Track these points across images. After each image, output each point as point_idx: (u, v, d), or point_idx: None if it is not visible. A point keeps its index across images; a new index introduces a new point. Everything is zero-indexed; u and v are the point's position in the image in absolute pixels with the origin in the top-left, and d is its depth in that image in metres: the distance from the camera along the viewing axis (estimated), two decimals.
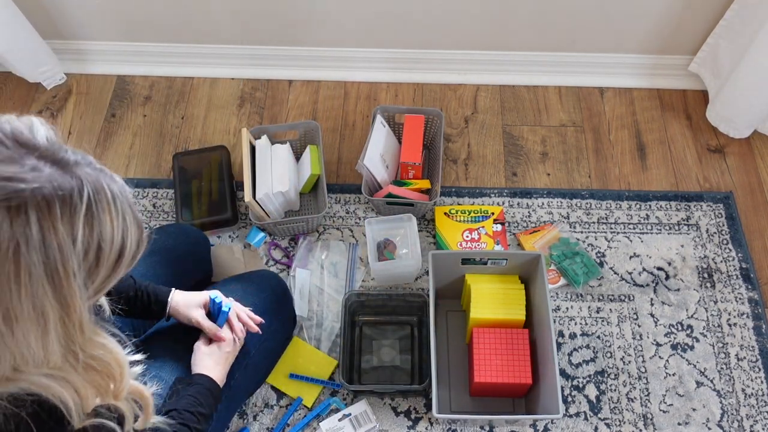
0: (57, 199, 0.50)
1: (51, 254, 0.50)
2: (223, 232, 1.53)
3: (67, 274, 0.51)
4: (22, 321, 0.51)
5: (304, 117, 1.74)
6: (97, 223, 0.53)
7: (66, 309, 0.53)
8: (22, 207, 0.48)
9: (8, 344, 0.51)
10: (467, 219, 1.53)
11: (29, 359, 0.53)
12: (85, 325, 0.56)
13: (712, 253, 1.49)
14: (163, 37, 1.77)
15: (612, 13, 1.60)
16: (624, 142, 1.69)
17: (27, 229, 0.48)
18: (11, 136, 0.52)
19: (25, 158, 0.51)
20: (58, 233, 0.50)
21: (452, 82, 1.80)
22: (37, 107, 1.77)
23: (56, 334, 0.53)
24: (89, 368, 0.59)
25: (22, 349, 0.52)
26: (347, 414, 1.28)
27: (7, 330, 0.50)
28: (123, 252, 0.56)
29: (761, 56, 1.43)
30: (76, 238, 0.51)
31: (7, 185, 0.48)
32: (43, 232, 0.49)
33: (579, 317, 1.42)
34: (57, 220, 0.50)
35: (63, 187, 0.51)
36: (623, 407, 1.32)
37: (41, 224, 0.49)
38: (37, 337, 0.52)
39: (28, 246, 0.49)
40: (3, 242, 0.48)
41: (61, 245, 0.50)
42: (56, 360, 0.55)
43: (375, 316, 1.41)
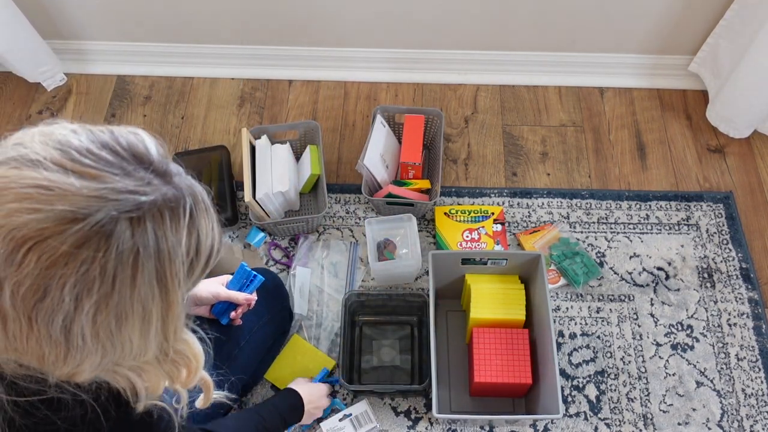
0: (167, 209, 0.55)
1: (162, 259, 0.54)
2: (223, 232, 1.53)
3: (172, 276, 0.56)
4: (131, 320, 0.55)
5: (304, 117, 1.74)
6: (196, 229, 0.58)
7: (167, 307, 0.57)
8: (142, 218, 0.52)
9: (115, 342, 0.55)
10: (467, 219, 1.52)
11: (128, 355, 0.57)
12: (180, 323, 0.61)
13: (712, 253, 1.49)
14: (163, 37, 1.77)
15: (612, 13, 1.60)
16: (624, 142, 1.69)
17: (145, 238, 0.53)
18: (128, 150, 0.56)
19: (140, 171, 0.55)
20: (168, 240, 0.54)
21: (452, 82, 1.80)
22: (37, 107, 1.77)
23: (156, 331, 0.58)
24: (172, 362, 0.64)
25: (125, 346, 0.56)
26: (348, 414, 1.28)
27: (117, 329, 0.54)
28: (212, 252, 0.62)
29: (761, 56, 1.43)
30: (181, 243, 0.56)
31: (129, 198, 0.52)
32: (158, 240, 0.54)
33: (579, 317, 1.42)
34: (168, 228, 0.54)
35: (172, 199, 0.55)
36: (623, 407, 1.32)
37: (156, 233, 0.53)
38: (140, 335, 0.56)
39: (146, 253, 0.53)
40: (126, 251, 0.51)
41: (170, 251, 0.55)
42: (149, 356, 0.60)
43: (375, 316, 1.40)
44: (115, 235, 0.51)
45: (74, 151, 0.52)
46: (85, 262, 0.50)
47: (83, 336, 0.53)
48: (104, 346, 0.55)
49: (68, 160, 0.52)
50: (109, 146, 0.55)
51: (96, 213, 0.50)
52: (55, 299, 0.50)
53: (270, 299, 1.24)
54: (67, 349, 0.53)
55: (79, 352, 0.54)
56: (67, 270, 0.50)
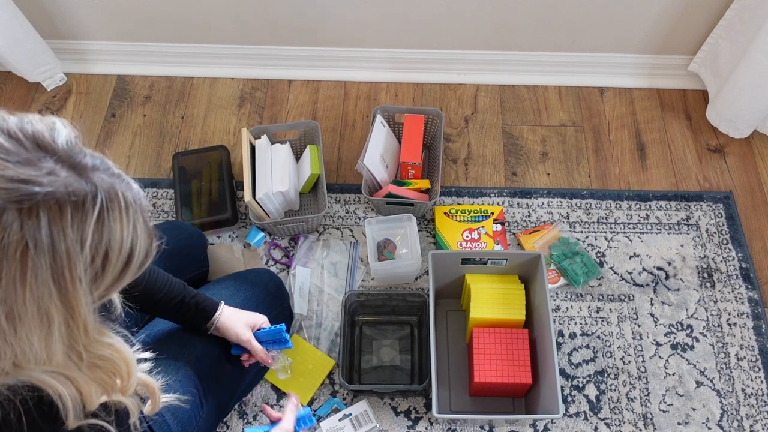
0: (69, 204, 0.50)
1: (58, 258, 0.50)
2: (223, 232, 1.53)
3: (73, 278, 0.52)
4: (26, 321, 0.51)
5: (304, 117, 1.74)
6: (107, 230, 0.53)
7: (71, 312, 0.53)
8: (34, 210, 0.48)
9: (10, 342, 0.51)
10: (467, 219, 1.53)
11: (31, 357, 0.53)
12: (90, 328, 0.56)
13: (712, 253, 1.49)
14: (163, 37, 1.77)
15: (612, 13, 1.60)
16: (624, 141, 1.69)
17: (37, 232, 0.49)
18: (32, 137, 0.52)
19: (43, 161, 0.51)
20: (67, 238, 0.50)
21: (452, 82, 1.80)
22: (36, 107, 1.77)
23: (60, 336, 0.54)
24: (94, 367, 0.59)
25: (24, 348, 0.52)
26: (348, 414, 1.28)
27: (10, 329, 0.51)
28: (131, 260, 0.57)
29: (761, 56, 1.43)
30: (84, 244, 0.51)
31: (21, 187, 0.48)
32: (53, 236, 0.49)
33: (579, 317, 1.42)
34: (67, 224, 0.50)
35: (77, 192, 0.51)
36: (623, 407, 1.32)
37: (51, 228, 0.49)
38: (41, 338, 0.52)
39: (37, 248, 0.49)
40: (12, 243, 0.48)
41: (69, 250, 0.50)
42: (59, 359, 0.55)
43: (375, 315, 1.41)
44: (1, 226, 0.47)
45: None
46: None
47: None
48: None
49: None
50: (10, 132, 0.51)
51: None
52: None
53: (271, 299, 1.24)
54: None
55: None
56: None
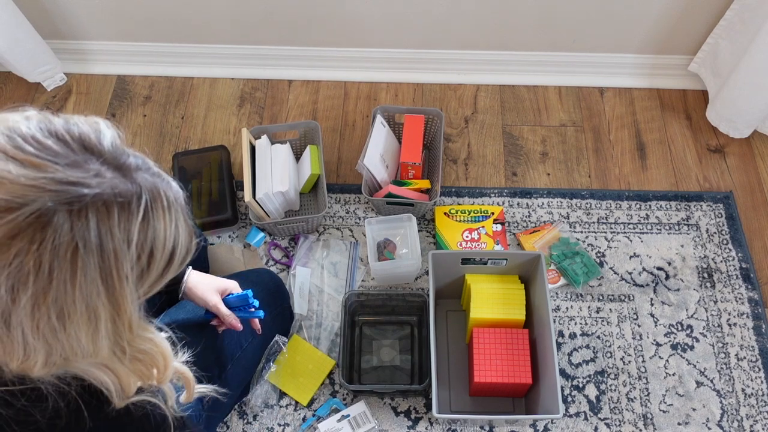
0: (116, 204, 0.51)
1: (106, 257, 0.51)
2: (223, 232, 1.53)
3: (120, 277, 0.53)
4: (75, 319, 0.52)
5: (304, 117, 1.74)
6: (152, 229, 0.54)
7: (117, 309, 0.54)
8: (83, 211, 0.50)
9: (60, 339, 0.53)
10: (467, 219, 1.52)
11: (78, 353, 0.55)
12: (134, 324, 0.58)
13: (712, 253, 1.49)
14: (163, 37, 1.77)
15: (612, 13, 1.60)
16: (624, 142, 1.69)
17: (86, 233, 0.50)
18: (78, 139, 0.53)
19: (90, 163, 0.52)
20: (114, 238, 0.51)
21: (452, 82, 1.80)
22: (37, 107, 1.76)
23: (106, 332, 0.55)
24: (135, 360, 0.61)
25: (72, 344, 0.54)
26: (346, 415, 1.28)
27: (60, 326, 0.52)
28: (173, 257, 0.58)
29: (761, 56, 1.43)
30: (131, 243, 0.53)
31: (70, 189, 0.49)
32: (101, 236, 0.51)
33: (579, 317, 1.42)
34: (115, 224, 0.51)
35: (123, 194, 0.52)
36: (623, 407, 1.32)
37: (99, 228, 0.50)
38: (88, 335, 0.54)
39: (86, 249, 0.50)
40: (63, 244, 0.49)
41: (116, 249, 0.52)
42: (104, 354, 0.57)
43: (375, 316, 1.41)
44: (52, 227, 0.48)
45: (19, 137, 0.51)
46: (19, 254, 0.48)
47: (23, 331, 0.51)
48: (48, 341, 0.53)
49: (11, 146, 0.50)
50: (58, 135, 0.52)
51: (32, 203, 0.48)
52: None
53: (271, 299, 1.24)
54: (10, 342, 0.52)
55: (20, 347, 0.52)
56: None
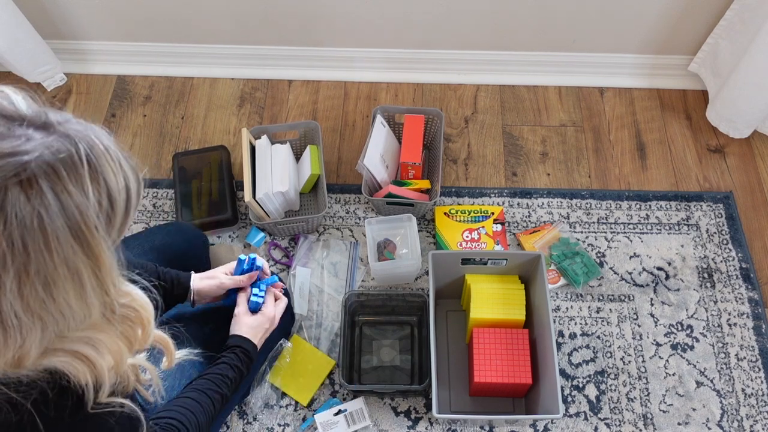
0: (60, 162, 0.51)
1: (71, 215, 0.52)
2: (223, 232, 1.53)
3: (89, 229, 0.53)
4: (60, 284, 0.52)
5: (304, 117, 1.74)
6: (101, 175, 0.54)
7: (96, 262, 0.55)
8: (33, 179, 0.49)
9: (51, 311, 0.53)
10: (467, 219, 1.52)
11: (71, 321, 0.55)
12: (115, 275, 0.59)
13: (712, 253, 1.49)
14: (163, 37, 1.77)
15: (612, 13, 1.60)
16: (624, 142, 1.69)
17: (44, 199, 0.50)
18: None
19: (15, 130, 0.51)
20: (72, 194, 0.51)
21: (452, 82, 1.80)
22: None
23: (92, 288, 0.56)
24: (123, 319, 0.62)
25: (64, 312, 0.54)
26: (343, 410, 1.28)
27: (48, 297, 0.52)
28: (130, 195, 0.58)
29: (761, 56, 1.43)
30: (88, 194, 0.53)
31: (10, 161, 0.49)
32: (59, 197, 0.51)
33: (579, 317, 1.42)
34: (67, 182, 0.51)
35: (61, 150, 0.52)
36: (623, 407, 1.32)
37: (55, 190, 0.50)
38: (77, 296, 0.54)
39: (49, 214, 0.50)
40: (27, 217, 0.49)
41: (77, 204, 0.52)
42: (96, 315, 0.58)
43: (375, 316, 1.41)
44: (9, 204, 0.48)
45: None
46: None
47: (16, 313, 0.51)
48: (42, 317, 0.53)
49: None
50: None
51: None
52: None
53: None
54: (4, 331, 0.51)
55: (17, 332, 0.52)
56: None
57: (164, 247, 1.21)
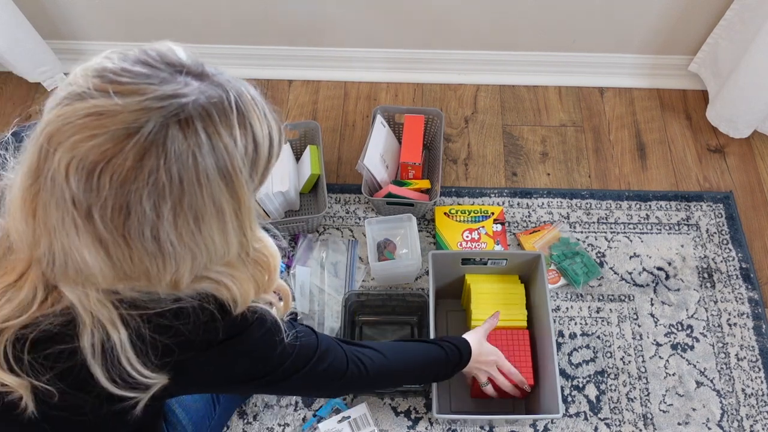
0: (213, 107, 0.56)
1: (220, 156, 0.57)
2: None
3: (235, 170, 0.58)
4: (207, 219, 0.58)
5: (304, 117, 1.74)
6: (248, 121, 0.59)
7: (238, 202, 0.60)
8: (189, 119, 0.55)
9: (199, 243, 0.59)
10: (467, 219, 1.53)
11: (213, 255, 0.61)
12: (253, 218, 0.64)
13: (712, 253, 1.49)
14: (163, 37, 1.74)
15: (612, 13, 1.60)
16: (624, 142, 1.69)
17: (198, 138, 0.55)
18: (160, 59, 0.58)
19: (177, 77, 0.57)
20: (222, 137, 0.57)
21: (452, 82, 1.80)
22: (37, 107, 1.77)
23: (233, 227, 0.61)
24: (255, 262, 0.69)
25: (208, 245, 0.60)
26: (347, 416, 1.28)
27: (197, 229, 0.58)
28: (272, 143, 0.63)
29: (761, 56, 1.43)
30: (236, 138, 0.58)
31: (173, 102, 0.54)
32: (211, 138, 0.56)
33: (579, 317, 1.42)
34: (218, 125, 0.56)
35: (214, 96, 0.57)
36: (623, 407, 1.32)
37: (207, 131, 0.56)
38: (219, 232, 0.60)
39: (202, 151, 0.55)
40: (183, 152, 0.54)
41: (226, 146, 0.57)
42: (233, 253, 0.64)
43: (375, 316, 1.40)
44: (169, 140, 0.54)
45: (111, 73, 0.56)
46: (152, 171, 0.53)
47: (171, 242, 0.57)
48: (191, 248, 0.59)
49: (108, 83, 0.55)
50: (141, 60, 0.57)
51: (146, 124, 0.53)
52: (138, 213, 0.54)
53: None
54: (162, 257, 0.58)
55: (172, 258, 0.58)
56: (138, 183, 0.53)
57: None
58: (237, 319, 0.70)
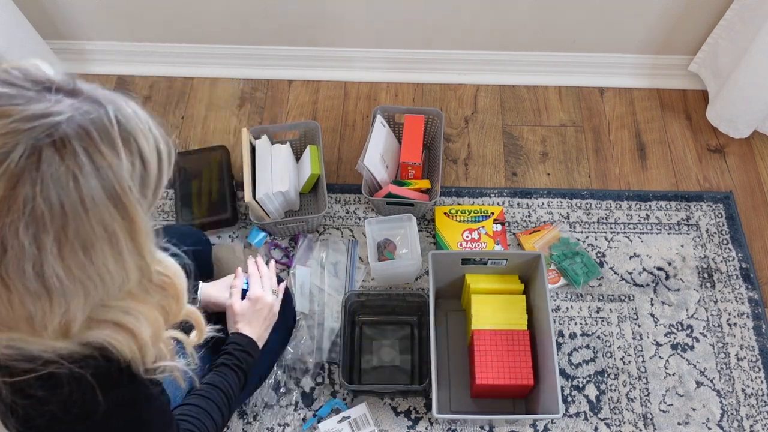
0: (91, 124, 0.52)
1: (105, 174, 0.52)
2: (223, 232, 1.53)
3: (123, 190, 0.54)
4: (98, 247, 0.53)
5: (304, 117, 1.74)
6: (132, 137, 0.55)
7: (131, 224, 0.55)
8: (66, 139, 0.50)
9: (91, 274, 0.54)
10: (467, 219, 1.53)
11: (110, 286, 0.56)
12: (150, 238, 0.59)
13: (712, 253, 1.49)
14: (163, 37, 1.77)
15: (612, 13, 1.60)
16: (624, 142, 1.69)
17: (77, 159, 0.50)
18: (25, 78, 0.53)
19: (46, 94, 0.52)
20: (105, 155, 0.52)
21: (452, 82, 1.80)
22: None
23: (128, 251, 0.56)
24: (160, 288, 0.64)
25: (103, 276, 0.55)
26: (347, 417, 1.28)
27: (87, 259, 0.53)
28: (161, 156, 0.59)
29: (761, 56, 1.43)
30: (120, 156, 0.54)
31: (43, 122, 0.49)
32: (92, 158, 0.51)
33: (579, 317, 1.42)
34: (99, 143, 0.52)
35: (91, 111, 0.53)
36: (623, 407, 1.32)
37: (88, 151, 0.51)
38: (114, 259, 0.55)
39: (83, 174, 0.51)
40: (61, 175, 0.50)
41: (111, 164, 0.53)
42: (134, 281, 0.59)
43: (375, 316, 1.40)
44: (44, 164, 0.49)
45: None
46: (28, 200, 0.48)
47: (58, 276, 0.52)
48: (82, 281, 0.54)
49: None
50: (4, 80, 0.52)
51: (15, 148, 0.48)
52: (15, 248, 0.49)
53: None
54: (48, 296, 0.52)
55: (61, 296, 0.53)
56: (13, 215, 0.48)
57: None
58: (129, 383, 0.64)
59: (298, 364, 1.36)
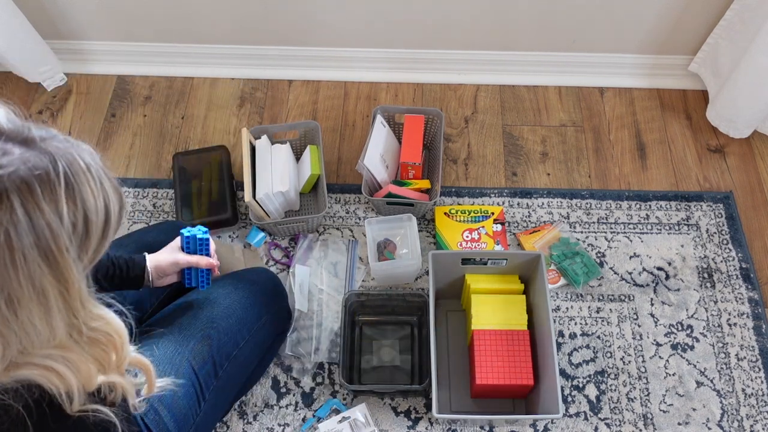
0: (35, 179, 0.50)
1: (41, 234, 0.50)
2: (223, 232, 1.53)
3: (60, 250, 0.52)
4: (25, 303, 0.51)
5: (304, 117, 1.74)
6: (79, 195, 0.53)
7: (64, 284, 0.54)
8: (3, 193, 0.48)
9: (13, 328, 0.52)
10: (467, 219, 1.53)
11: (35, 340, 0.54)
12: (84, 297, 0.57)
13: (712, 253, 1.49)
14: (163, 37, 1.77)
15: (612, 13, 1.60)
16: (624, 142, 1.69)
17: (13, 215, 0.49)
18: None
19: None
20: (44, 213, 0.50)
21: (452, 82, 1.80)
22: (37, 107, 1.77)
23: (58, 310, 0.54)
24: (92, 342, 0.60)
25: (27, 330, 0.53)
26: (347, 417, 1.28)
27: (11, 314, 0.51)
28: (109, 217, 0.57)
29: (761, 56, 1.43)
30: (62, 214, 0.52)
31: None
32: (30, 214, 0.50)
33: (579, 317, 1.42)
34: (40, 199, 0.50)
35: (38, 166, 0.51)
36: (623, 407, 1.32)
37: (26, 207, 0.49)
38: (41, 316, 0.53)
39: (17, 230, 0.49)
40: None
41: (49, 224, 0.51)
42: (61, 336, 0.56)
43: (375, 316, 1.40)
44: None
45: None
46: None
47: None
48: (3, 334, 0.52)
49: None
50: None
51: None
52: None
53: (269, 299, 1.24)
54: None
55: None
56: None
57: (157, 244, 1.20)
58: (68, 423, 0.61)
59: (297, 364, 1.36)
